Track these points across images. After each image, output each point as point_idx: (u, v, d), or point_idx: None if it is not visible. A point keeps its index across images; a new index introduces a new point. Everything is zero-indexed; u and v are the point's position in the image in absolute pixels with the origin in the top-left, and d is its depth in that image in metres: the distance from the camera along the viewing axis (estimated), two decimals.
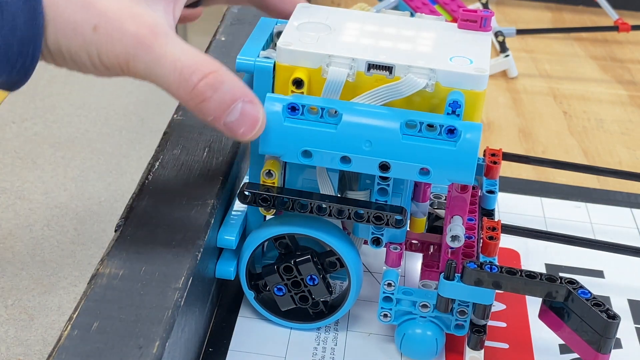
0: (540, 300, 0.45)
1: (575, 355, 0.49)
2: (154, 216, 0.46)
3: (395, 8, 0.74)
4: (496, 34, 0.84)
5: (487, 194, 0.52)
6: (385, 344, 0.49)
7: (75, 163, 0.66)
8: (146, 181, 0.49)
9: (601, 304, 0.42)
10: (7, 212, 0.60)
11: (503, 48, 0.83)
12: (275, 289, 0.48)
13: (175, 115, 0.55)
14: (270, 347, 0.48)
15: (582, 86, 0.83)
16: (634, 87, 0.83)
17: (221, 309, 0.50)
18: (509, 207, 0.61)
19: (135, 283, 0.42)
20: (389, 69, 0.42)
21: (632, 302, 0.54)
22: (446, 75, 0.42)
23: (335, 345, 0.48)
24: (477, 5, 0.90)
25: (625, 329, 0.52)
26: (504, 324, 0.51)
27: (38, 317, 0.51)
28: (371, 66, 0.42)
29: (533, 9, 1.00)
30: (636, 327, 0.52)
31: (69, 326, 0.39)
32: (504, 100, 0.80)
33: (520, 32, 0.86)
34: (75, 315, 0.39)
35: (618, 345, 0.50)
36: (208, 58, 0.41)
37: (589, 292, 0.43)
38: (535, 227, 0.57)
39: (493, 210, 0.52)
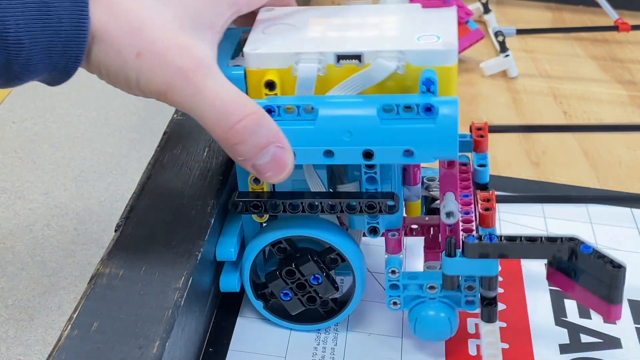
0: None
1: (576, 355, 0.49)
2: (154, 216, 0.46)
3: None
4: (496, 34, 0.84)
5: (478, 168, 0.52)
6: (385, 343, 0.49)
7: (75, 163, 0.66)
8: (146, 181, 0.49)
9: (604, 256, 0.43)
10: (7, 212, 0.60)
11: (503, 48, 0.83)
12: (282, 294, 0.47)
13: (175, 115, 0.55)
14: (270, 347, 0.48)
15: (582, 86, 0.83)
16: (634, 87, 0.83)
17: (221, 309, 0.50)
18: (509, 207, 0.61)
19: (135, 283, 0.42)
20: (357, 57, 0.42)
21: (632, 302, 0.54)
22: (415, 55, 0.42)
23: (335, 345, 0.48)
24: (477, 5, 0.90)
25: (625, 329, 0.52)
26: (504, 324, 0.51)
27: (38, 317, 0.52)
28: (340, 57, 0.42)
29: (533, 9, 1.00)
30: (636, 327, 0.52)
31: (69, 326, 0.39)
32: (504, 100, 0.80)
33: (520, 32, 0.86)
34: (75, 315, 0.39)
35: (618, 345, 0.50)
36: (247, 98, 0.41)
37: (591, 246, 0.43)
38: (536, 227, 0.57)
39: (487, 184, 0.52)
